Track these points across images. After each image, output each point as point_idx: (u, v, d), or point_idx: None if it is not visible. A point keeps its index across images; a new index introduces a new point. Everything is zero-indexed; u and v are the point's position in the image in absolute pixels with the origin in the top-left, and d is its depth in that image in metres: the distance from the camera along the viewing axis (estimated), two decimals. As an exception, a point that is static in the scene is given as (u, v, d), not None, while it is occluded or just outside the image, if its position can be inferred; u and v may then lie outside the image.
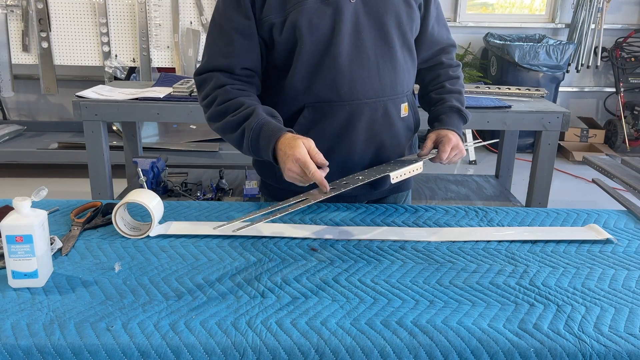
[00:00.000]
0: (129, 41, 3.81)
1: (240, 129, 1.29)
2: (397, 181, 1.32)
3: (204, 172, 3.25)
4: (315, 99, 1.36)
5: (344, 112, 1.36)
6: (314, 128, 1.38)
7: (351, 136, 1.39)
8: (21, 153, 3.93)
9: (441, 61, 1.53)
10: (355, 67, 1.34)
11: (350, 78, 1.34)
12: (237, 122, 1.29)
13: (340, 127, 1.38)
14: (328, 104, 1.36)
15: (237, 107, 1.30)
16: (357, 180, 1.28)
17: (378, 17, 1.34)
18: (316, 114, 1.37)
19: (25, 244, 1.02)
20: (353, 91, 1.35)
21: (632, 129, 4.91)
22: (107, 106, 2.60)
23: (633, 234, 1.37)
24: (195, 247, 1.24)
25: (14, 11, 3.76)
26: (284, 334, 0.93)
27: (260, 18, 1.32)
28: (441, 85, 1.50)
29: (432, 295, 1.06)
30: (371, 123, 1.39)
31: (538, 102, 2.83)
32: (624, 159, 1.91)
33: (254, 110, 1.28)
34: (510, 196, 3.11)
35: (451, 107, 1.46)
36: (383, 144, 1.43)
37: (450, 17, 5.07)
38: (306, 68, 1.33)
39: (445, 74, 1.52)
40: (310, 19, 1.29)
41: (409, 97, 1.47)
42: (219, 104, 1.32)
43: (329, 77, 1.33)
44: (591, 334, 0.95)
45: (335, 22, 1.31)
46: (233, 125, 1.30)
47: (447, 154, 1.38)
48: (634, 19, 5.13)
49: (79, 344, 0.90)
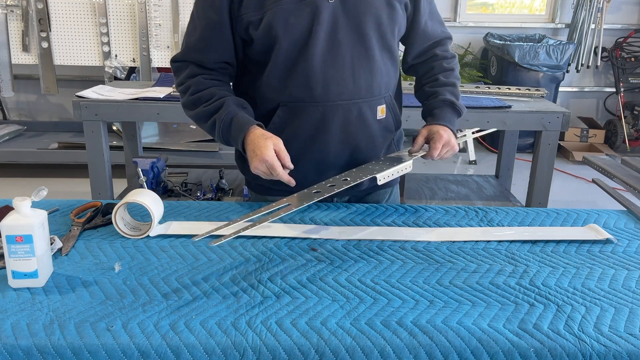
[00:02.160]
0: (129, 41, 3.81)
1: (211, 120, 1.36)
2: (383, 182, 1.32)
3: (204, 172, 3.25)
4: (289, 99, 1.37)
5: (317, 113, 1.37)
6: (288, 127, 1.39)
7: (325, 137, 1.39)
8: (21, 153, 3.93)
9: (435, 54, 1.51)
10: (329, 69, 1.34)
11: (324, 79, 1.34)
12: (209, 112, 1.35)
13: (313, 127, 1.38)
14: (301, 104, 1.37)
15: (208, 97, 1.36)
16: (344, 183, 1.28)
17: (356, 18, 1.34)
18: (290, 114, 1.38)
19: (25, 244, 1.02)
20: (326, 92, 1.35)
21: (632, 129, 4.91)
22: (107, 106, 2.60)
23: (633, 234, 1.37)
24: (195, 247, 1.24)
25: (14, 11, 3.75)
26: (284, 334, 0.93)
27: (238, 15, 1.33)
28: (435, 78, 1.48)
29: (432, 295, 1.06)
30: (345, 124, 1.39)
31: (538, 102, 2.82)
32: (624, 159, 1.91)
33: (224, 102, 1.34)
34: (510, 196, 3.11)
35: (444, 101, 1.44)
36: (358, 145, 1.42)
37: (450, 17, 5.07)
38: (281, 67, 1.35)
39: (439, 66, 1.50)
40: (286, 19, 1.30)
41: (387, 99, 1.45)
42: (192, 93, 1.38)
43: (303, 77, 1.34)
44: (591, 334, 0.95)
45: (312, 23, 1.31)
46: (205, 116, 1.37)
47: (438, 151, 1.36)
48: (634, 19, 5.13)
49: (79, 344, 0.90)
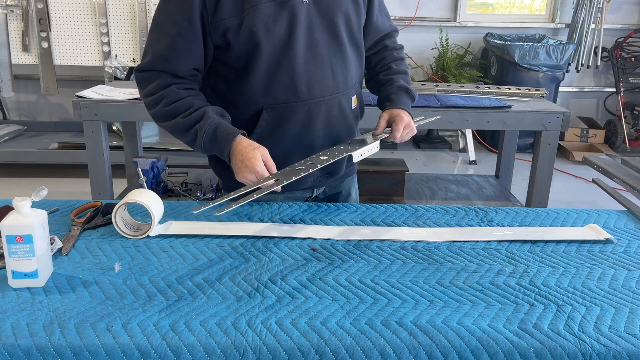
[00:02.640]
0: (129, 41, 3.81)
1: (192, 131, 1.32)
2: (358, 160, 1.37)
3: (204, 172, 3.25)
4: (274, 101, 1.38)
5: (303, 112, 1.40)
6: (275, 130, 1.41)
7: (311, 134, 1.43)
8: (21, 153, 3.93)
9: (385, 45, 1.59)
10: (311, 67, 1.38)
11: (307, 79, 1.38)
12: (189, 124, 1.32)
13: (300, 126, 1.41)
14: (287, 105, 1.39)
15: (186, 108, 1.33)
16: (322, 161, 1.31)
17: (329, 17, 1.38)
18: (275, 116, 1.39)
19: (25, 244, 1.02)
20: (310, 91, 1.39)
21: (632, 129, 4.91)
22: (107, 106, 2.61)
23: (633, 234, 1.37)
24: (195, 247, 1.24)
25: (14, 11, 3.75)
26: (284, 334, 0.93)
27: (214, 21, 1.30)
28: (388, 67, 1.56)
29: (432, 295, 1.06)
30: (328, 119, 1.44)
31: (538, 102, 2.83)
32: (624, 159, 1.91)
33: (204, 112, 1.32)
34: (510, 196, 3.11)
35: (400, 87, 1.51)
36: (339, 135, 1.49)
37: (450, 17, 5.07)
38: (264, 71, 1.35)
39: (390, 55, 1.58)
40: (266, 23, 1.31)
41: (357, 89, 1.53)
42: (167, 104, 1.33)
43: (287, 78, 1.36)
44: (591, 334, 0.95)
45: (291, 25, 1.33)
46: (184, 127, 1.33)
47: (400, 133, 1.43)
48: (634, 19, 5.13)
49: (79, 344, 0.90)
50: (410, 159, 4.56)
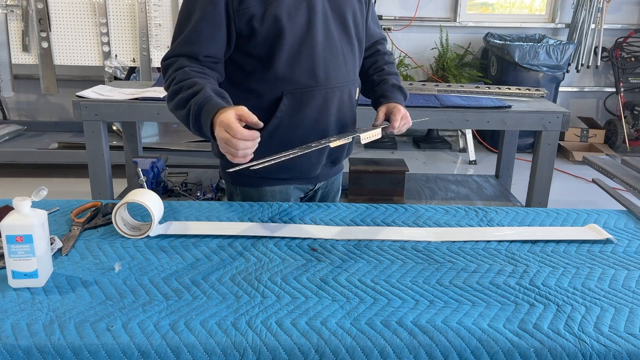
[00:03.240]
0: (129, 41, 3.81)
1: (187, 106, 1.30)
2: (365, 142, 1.43)
3: (204, 172, 3.25)
4: (294, 86, 1.45)
5: (320, 97, 1.48)
6: (295, 114, 1.47)
7: (325, 119, 1.51)
8: (21, 153, 3.93)
9: (378, 49, 1.71)
10: (328, 55, 1.47)
11: (325, 65, 1.47)
12: (186, 99, 1.30)
13: (317, 111, 1.49)
14: (307, 90, 1.46)
15: (189, 86, 1.31)
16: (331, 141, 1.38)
17: (340, 11, 1.49)
18: (295, 101, 1.46)
19: (25, 244, 1.02)
20: (327, 77, 1.48)
21: (632, 129, 4.91)
22: (107, 106, 2.60)
23: (633, 234, 1.37)
24: (195, 247, 1.24)
25: (14, 11, 3.75)
26: (284, 334, 0.93)
27: (239, 9, 1.36)
28: (381, 69, 1.67)
29: (432, 295, 1.06)
30: (340, 106, 1.53)
31: (538, 102, 2.83)
32: (624, 159, 1.91)
33: (202, 88, 1.29)
34: (510, 196, 3.11)
35: (394, 85, 1.62)
36: (346, 123, 1.58)
37: (450, 17, 5.08)
38: (287, 57, 1.42)
39: (382, 59, 1.70)
40: (289, 11, 1.39)
41: (358, 81, 1.65)
42: (175, 83, 1.34)
43: (308, 64, 1.44)
44: (591, 334, 0.95)
45: (310, 15, 1.42)
46: (182, 102, 1.31)
47: (399, 122, 1.51)
48: (634, 19, 5.13)
49: (79, 344, 0.90)
50: (410, 159, 4.56)
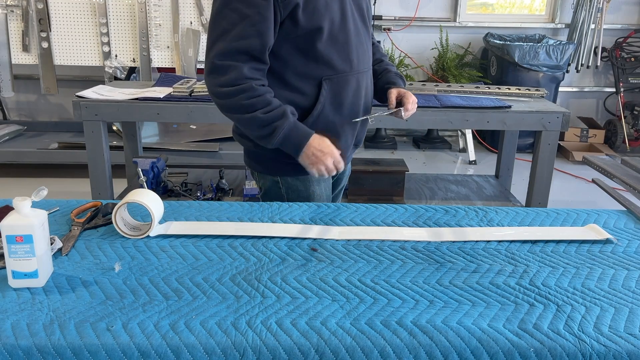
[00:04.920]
0: (129, 41, 3.81)
1: (270, 127, 1.46)
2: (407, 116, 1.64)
3: (204, 172, 3.25)
4: (333, 72, 1.55)
5: (354, 81, 1.60)
6: (336, 98, 1.57)
7: (359, 101, 1.64)
8: (21, 153, 3.92)
9: (373, 42, 1.81)
10: (358, 42, 1.59)
11: (356, 51, 1.59)
12: (269, 120, 1.45)
13: (352, 94, 1.60)
14: (343, 74, 1.57)
15: (265, 104, 1.45)
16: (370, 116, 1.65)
17: (359, 3, 1.62)
18: (333, 86, 1.56)
19: (25, 244, 1.02)
20: (359, 62, 1.60)
21: (632, 129, 4.91)
22: (107, 106, 2.60)
23: (633, 234, 1.37)
24: (195, 247, 1.24)
25: (14, 11, 3.75)
26: (284, 334, 0.93)
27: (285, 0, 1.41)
28: (380, 60, 1.81)
29: (432, 295, 1.06)
30: (367, 89, 1.67)
31: (538, 102, 2.83)
32: (624, 159, 1.91)
33: (284, 111, 1.46)
34: (510, 196, 3.11)
35: (396, 74, 1.77)
36: (368, 107, 1.71)
37: (450, 17, 5.07)
38: (325, 44, 1.51)
39: (378, 52, 1.83)
40: (326, 1, 1.50)
41: None
42: (247, 98, 1.44)
43: (345, 50, 1.55)
44: (591, 334, 0.95)
45: (342, 5, 1.54)
46: (263, 122, 1.45)
47: (411, 105, 1.66)
48: (634, 19, 5.13)
49: (79, 344, 0.90)
50: (410, 159, 4.56)
